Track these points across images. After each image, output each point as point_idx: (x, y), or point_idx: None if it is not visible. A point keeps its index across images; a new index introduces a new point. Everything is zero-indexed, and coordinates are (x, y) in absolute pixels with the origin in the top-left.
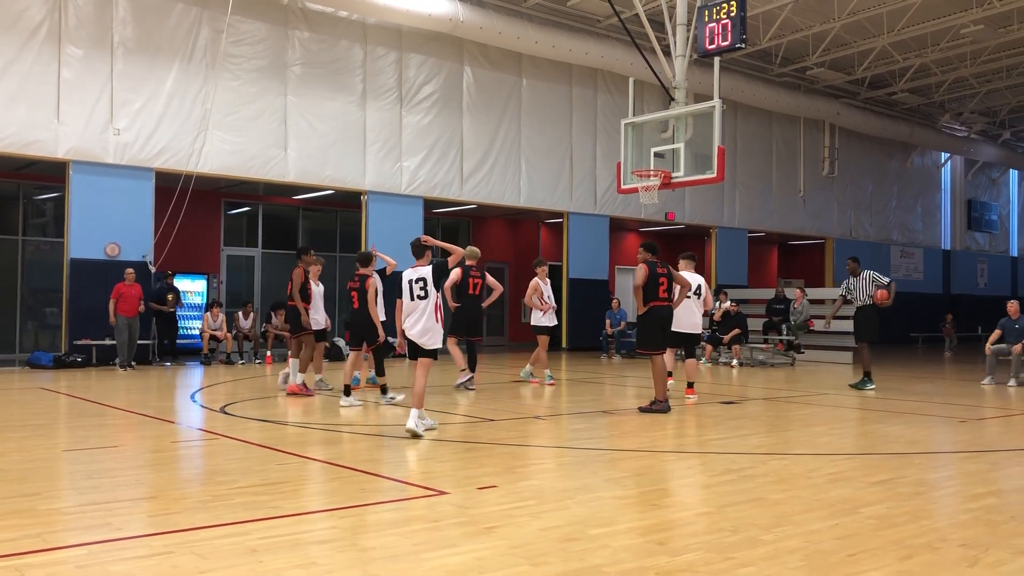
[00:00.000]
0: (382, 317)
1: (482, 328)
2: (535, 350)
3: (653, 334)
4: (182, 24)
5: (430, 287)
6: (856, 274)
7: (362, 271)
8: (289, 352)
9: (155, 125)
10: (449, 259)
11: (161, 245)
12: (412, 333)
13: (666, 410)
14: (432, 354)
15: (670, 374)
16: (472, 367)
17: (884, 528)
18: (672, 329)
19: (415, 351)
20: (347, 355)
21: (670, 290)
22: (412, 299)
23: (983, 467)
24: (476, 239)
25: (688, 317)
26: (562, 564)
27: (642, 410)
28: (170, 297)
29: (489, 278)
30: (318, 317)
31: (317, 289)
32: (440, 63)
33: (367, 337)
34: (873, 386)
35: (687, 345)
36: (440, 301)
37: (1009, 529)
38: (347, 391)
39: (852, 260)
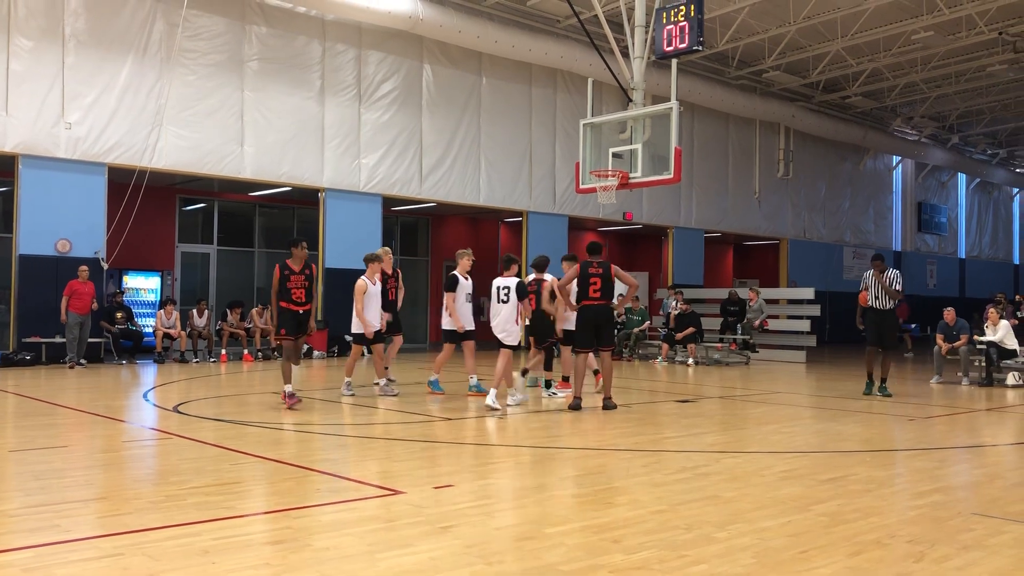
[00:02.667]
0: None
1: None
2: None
3: (584, 333)
4: (136, 17)
5: (512, 294)
6: (882, 272)
7: (538, 275)
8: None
9: (108, 119)
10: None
11: (114, 241)
12: (497, 332)
13: (577, 407)
14: (511, 347)
15: (597, 372)
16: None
17: (834, 525)
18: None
19: (498, 344)
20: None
21: (603, 289)
22: (497, 302)
23: (930, 464)
24: (435, 238)
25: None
26: (517, 563)
27: (571, 408)
28: (119, 315)
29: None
30: (372, 318)
31: (374, 289)
32: (400, 60)
33: (539, 336)
34: (891, 393)
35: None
36: (522, 307)
37: (955, 525)
38: (548, 384)
39: (879, 258)
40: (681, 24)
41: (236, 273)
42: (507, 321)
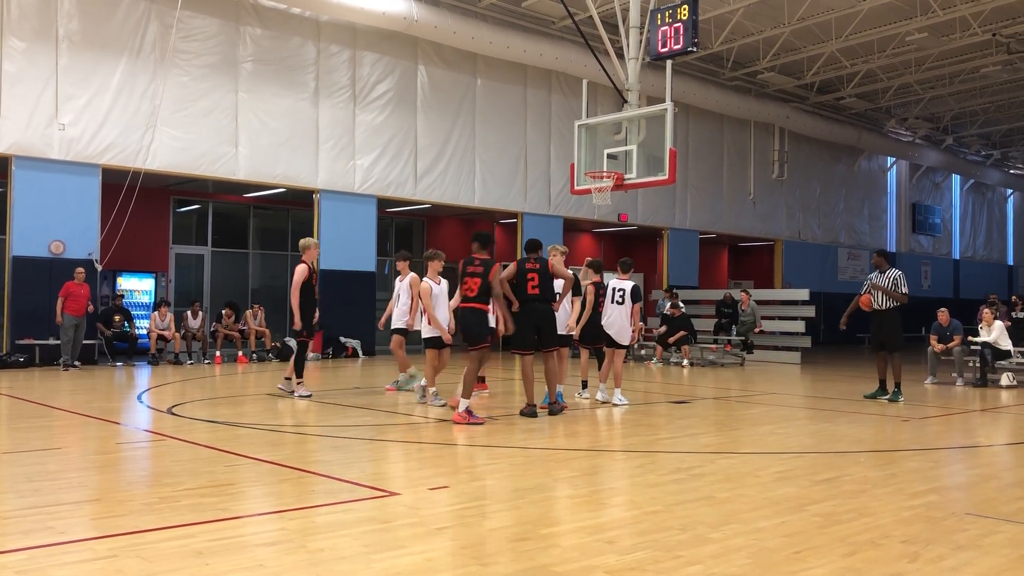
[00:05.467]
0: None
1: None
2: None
3: (522, 334)
4: (130, 18)
5: (627, 297)
6: (882, 270)
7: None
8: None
9: (102, 121)
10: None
11: (108, 243)
12: (611, 331)
13: (534, 414)
14: (624, 347)
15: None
16: (298, 372)
17: (829, 525)
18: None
19: (611, 343)
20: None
21: (541, 287)
22: (611, 303)
23: (925, 465)
24: (430, 239)
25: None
26: (512, 564)
27: (522, 414)
28: (117, 319)
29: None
30: (441, 319)
31: (438, 288)
32: (394, 62)
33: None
34: (903, 398)
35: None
36: (635, 309)
37: (949, 525)
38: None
39: (880, 254)
40: (676, 25)
41: (230, 275)
42: (622, 321)
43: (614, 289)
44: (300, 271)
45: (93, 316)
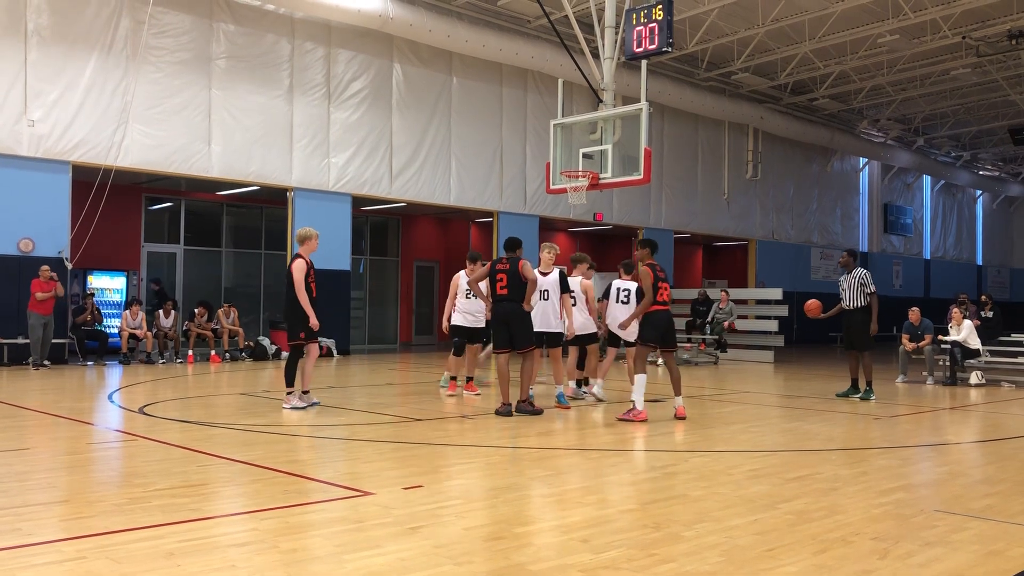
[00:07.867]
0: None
1: (300, 330)
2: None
3: (497, 332)
4: (101, 13)
5: (633, 297)
6: (849, 269)
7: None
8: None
9: (72, 117)
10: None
11: (78, 241)
12: (617, 330)
13: (509, 413)
14: (633, 344)
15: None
16: (289, 380)
17: (800, 523)
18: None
19: (614, 340)
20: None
21: (510, 287)
22: (617, 302)
23: (894, 463)
24: (405, 238)
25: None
26: (486, 563)
27: (497, 413)
28: (88, 318)
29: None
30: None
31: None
32: (369, 59)
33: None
34: (874, 396)
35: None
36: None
37: (918, 522)
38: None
39: (848, 253)
40: (651, 25)
41: (203, 273)
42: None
43: (619, 289)
44: (299, 267)
45: (63, 315)
